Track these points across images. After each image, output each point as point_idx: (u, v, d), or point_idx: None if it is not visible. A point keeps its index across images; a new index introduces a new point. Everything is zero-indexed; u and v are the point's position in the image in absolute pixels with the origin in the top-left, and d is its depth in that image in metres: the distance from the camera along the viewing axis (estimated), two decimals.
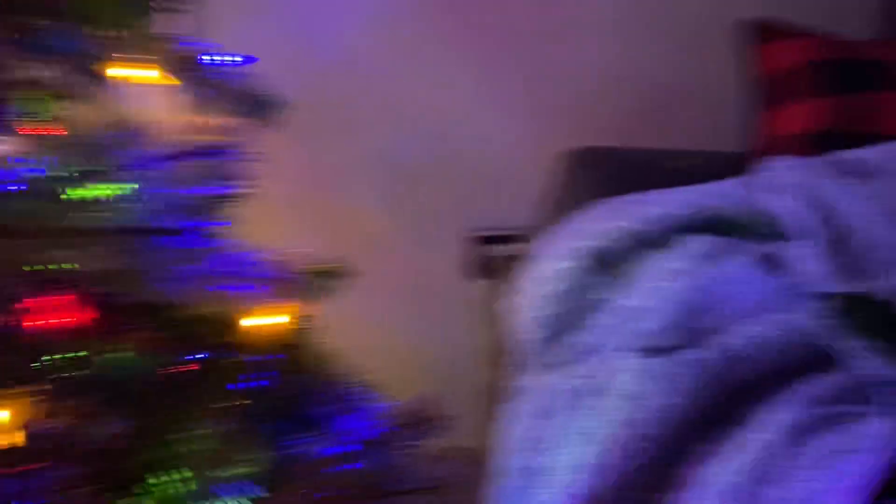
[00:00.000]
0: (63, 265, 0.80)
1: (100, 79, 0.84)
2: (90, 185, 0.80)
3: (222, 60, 0.94)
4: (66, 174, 0.79)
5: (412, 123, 1.57)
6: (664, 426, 0.62)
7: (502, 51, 1.60)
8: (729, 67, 1.34)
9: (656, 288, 0.80)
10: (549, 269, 0.84)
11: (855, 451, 0.56)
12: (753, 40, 1.27)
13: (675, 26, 1.62)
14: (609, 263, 0.82)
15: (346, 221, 1.55)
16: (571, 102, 1.62)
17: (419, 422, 1.00)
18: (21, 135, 0.80)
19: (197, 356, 0.86)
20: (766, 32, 1.26)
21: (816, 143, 1.08)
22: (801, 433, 0.59)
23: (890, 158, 0.81)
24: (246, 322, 0.90)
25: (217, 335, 0.88)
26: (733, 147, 1.29)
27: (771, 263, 0.76)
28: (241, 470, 0.84)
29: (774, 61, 1.23)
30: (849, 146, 0.97)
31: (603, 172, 1.12)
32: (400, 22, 1.55)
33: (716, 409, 0.66)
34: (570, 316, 0.81)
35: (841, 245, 0.73)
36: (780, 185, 0.79)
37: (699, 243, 0.81)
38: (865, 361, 0.57)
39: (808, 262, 0.72)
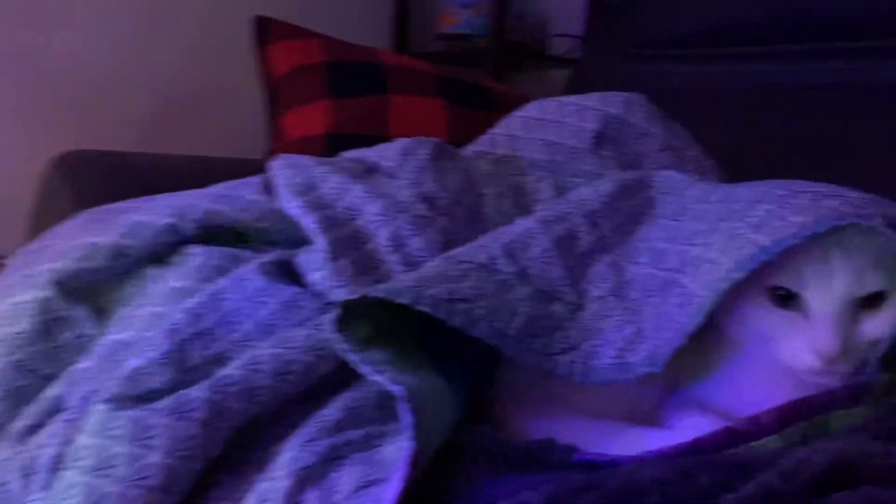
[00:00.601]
0: None
1: None
2: None
3: None
4: None
5: None
6: (145, 494, 0.47)
7: None
8: (250, 70, 1.25)
9: (152, 315, 0.64)
10: (2, 307, 0.63)
11: (382, 479, 0.48)
12: (258, 41, 1.20)
13: (190, 23, 1.48)
14: (85, 290, 0.64)
15: None
16: (72, 104, 1.37)
17: None
18: None
19: None
20: (268, 33, 1.20)
21: (326, 147, 1.04)
22: (317, 471, 0.49)
23: (388, 157, 0.78)
24: None
25: None
26: (256, 154, 1.21)
27: (282, 272, 0.67)
28: None
29: (280, 63, 1.17)
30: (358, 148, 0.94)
31: (90, 180, 0.91)
32: None
33: (225, 456, 0.53)
34: (35, 364, 0.61)
35: (352, 245, 0.66)
36: (287, 185, 0.70)
37: (203, 256, 0.68)
38: (383, 374, 0.50)
39: (316, 266, 0.64)
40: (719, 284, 0.50)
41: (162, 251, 0.69)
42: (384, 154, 0.79)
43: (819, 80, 1.04)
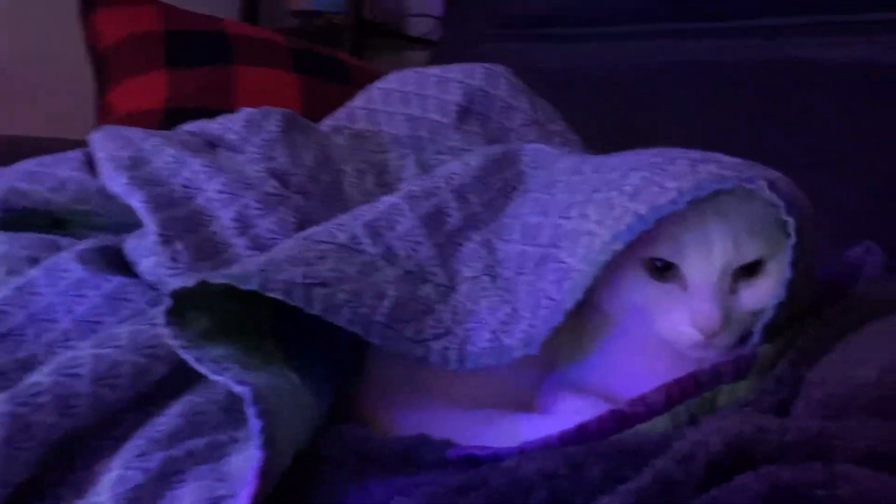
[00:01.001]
0: None
1: None
2: None
3: None
4: None
5: None
6: None
7: None
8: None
9: None
10: None
11: (230, 496, 0.41)
12: (82, 8, 1.07)
13: None
14: None
15: None
16: None
17: None
18: None
19: None
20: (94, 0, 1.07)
21: (163, 123, 0.93)
22: (151, 490, 0.41)
23: (232, 129, 0.70)
24: None
25: None
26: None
27: (108, 261, 0.57)
28: None
29: (107, 32, 1.04)
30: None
31: None
32: None
33: (36, 479, 0.44)
34: None
35: (190, 227, 0.58)
36: (110, 159, 0.60)
37: (7, 244, 0.57)
38: (226, 372, 0.43)
39: (147, 252, 0.55)
40: (598, 257, 0.47)
41: None
42: (228, 126, 0.70)
43: (685, 59, 1.05)
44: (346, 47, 1.63)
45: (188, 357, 0.43)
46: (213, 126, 0.71)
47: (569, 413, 0.51)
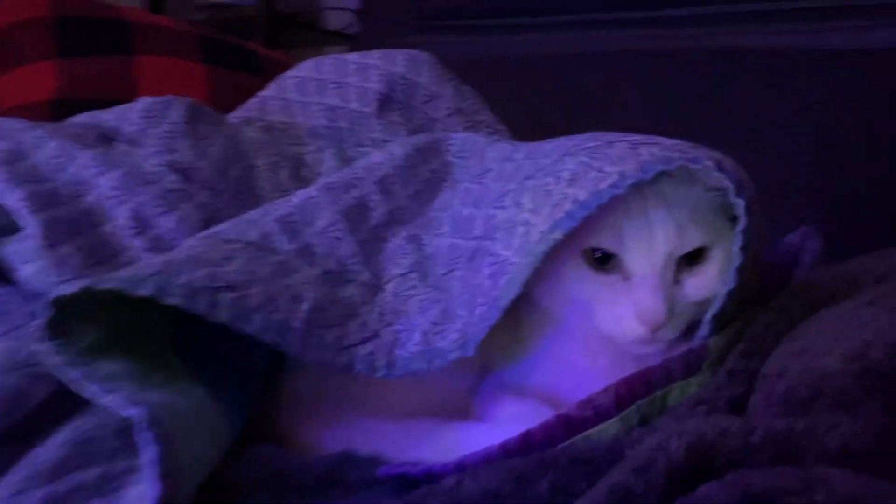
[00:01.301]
0: None
1: None
2: None
3: None
4: None
5: None
6: None
7: None
8: None
9: None
10: None
11: None
12: None
13: None
14: None
15: None
16: None
17: None
18: None
19: None
20: None
21: (53, 116, 0.85)
22: None
23: (129, 119, 0.63)
24: None
25: None
26: None
27: None
28: None
29: None
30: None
31: None
32: None
33: None
34: None
35: (79, 228, 0.51)
36: None
37: None
38: (115, 392, 0.37)
39: (28, 257, 0.48)
40: (536, 247, 0.43)
41: None
42: (125, 116, 0.64)
43: (617, 49, 1.03)
44: (259, 42, 1.56)
45: (73, 376, 0.37)
46: (108, 116, 0.64)
47: (509, 419, 0.47)
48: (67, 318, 0.39)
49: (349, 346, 0.45)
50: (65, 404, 0.42)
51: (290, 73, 0.79)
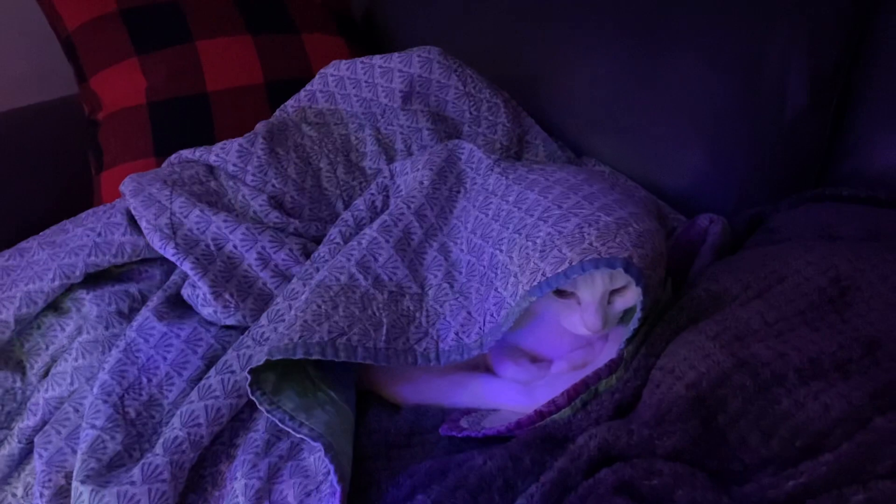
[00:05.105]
0: None
1: None
2: None
3: None
4: None
5: None
6: None
7: None
8: None
9: (74, 370, 0.76)
10: None
11: (315, 490, 0.68)
12: None
13: None
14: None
15: None
16: None
17: None
18: None
19: None
20: None
21: (150, 119, 1.00)
22: (265, 488, 0.68)
23: (228, 159, 0.88)
24: None
25: None
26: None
27: (173, 305, 0.79)
28: None
29: (69, 13, 1.03)
30: (182, 113, 0.99)
31: None
32: None
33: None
34: None
35: (228, 274, 0.80)
36: (154, 229, 0.80)
37: (97, 306, 0.78)
38: (301, 429, 0.67)
39: (204, 303, 0.78)
40: (521, 301, 0.71)
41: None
42: (225, 158, 0.88)
43: None
44: None
45: (275, 419, 0.68)
46: (212, 158, 0.88)
47: (512, 377, 0.79)
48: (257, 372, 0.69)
49: (412, 347, 0.75)
50: (253, 407, 0.74)
51: (329, 70, 0.99)
